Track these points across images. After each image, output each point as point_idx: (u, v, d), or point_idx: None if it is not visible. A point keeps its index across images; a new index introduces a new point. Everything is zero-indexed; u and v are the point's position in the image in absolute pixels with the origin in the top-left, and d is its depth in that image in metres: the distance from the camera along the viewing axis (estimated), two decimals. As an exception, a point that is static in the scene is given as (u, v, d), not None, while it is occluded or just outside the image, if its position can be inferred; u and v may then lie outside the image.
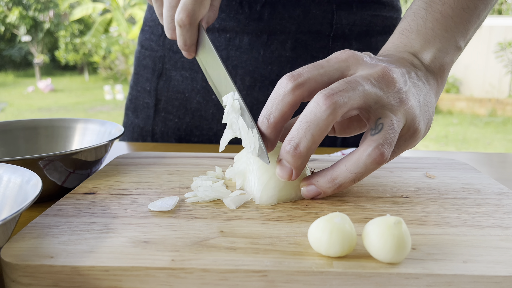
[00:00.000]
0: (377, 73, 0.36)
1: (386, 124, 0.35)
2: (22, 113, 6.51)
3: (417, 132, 0.38)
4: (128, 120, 0.78)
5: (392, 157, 0.38)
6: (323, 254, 0.28)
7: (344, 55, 0.37)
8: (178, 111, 0.73)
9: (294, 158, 0.35)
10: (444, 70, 0.44)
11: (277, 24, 0.66)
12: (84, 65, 11.35)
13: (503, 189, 0.42)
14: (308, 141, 0.34)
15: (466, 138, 4.86)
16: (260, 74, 0.68)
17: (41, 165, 0.40)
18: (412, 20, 0.45)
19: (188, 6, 0.45)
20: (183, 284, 0.27)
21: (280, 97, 0.36)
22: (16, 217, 0.28)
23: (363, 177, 0.36)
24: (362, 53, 0.38)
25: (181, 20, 0.46)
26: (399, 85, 0.36)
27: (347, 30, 0.68)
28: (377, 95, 0.35)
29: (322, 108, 0.33)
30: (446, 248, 0.29)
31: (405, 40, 0.44)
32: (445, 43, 0.44)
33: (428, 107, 0.39)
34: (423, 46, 0.43)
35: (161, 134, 0.74)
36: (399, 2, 0.74)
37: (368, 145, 0.34)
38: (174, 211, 0.35)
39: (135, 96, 0.77)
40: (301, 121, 0.34)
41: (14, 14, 10.84)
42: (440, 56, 0.43)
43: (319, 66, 0.36)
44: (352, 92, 0.34)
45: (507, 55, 6.39)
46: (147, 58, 0.74)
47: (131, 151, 0.68)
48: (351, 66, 0.37)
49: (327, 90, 0.34)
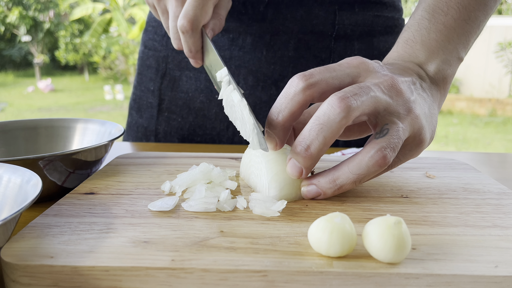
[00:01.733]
0: (386, 81, 0.37)
1: (391, 130, 0.35)
2: (22, 113, 6.51)
3: (422, 142, 0.38)
4: (133, 120, 0.78)
5: (396, 165, 0.39)
6: (323, 254, 0.28)
7: (355, 62, 0.38)
8: (182, 110, 0.73)
9: (304, 159, 0.35)
10: (446, 82, 0.45)
11: (280, 24, 0.66)
12: (84, 65, 11.35)
13: (503, 189, 0.42)
14: (319, 143, 0.34)
15: (466, 138, 4.86)
16: (263, 74, 0.69)
17: (41, 165, 0.40)
18: (416, 30, 0.45)
19: (190, 12, 0.46)
20: (183, 284, 0.27)
21: (290, 95, 0.36)
22: (16, 217, 0.28)
23: (364, 179, 0.36)
24: (371, 61, 0.39)
25: (183, 26, 0.47)
26: (407, 94, 0.37)
27: (349, 30, 0.68)
28: (387, 102, 0.36)
29: (336, 110, 0.33)
30: (446, 248, 0.29)
31: (410, 50, 0.44)
32: (448, 55, 0.44)
33: (432, 118, 0.40)
34: (428, 57, 0.44)
35: (165, 134, 0.75)
36: (400, 3, 0.74)
37: (372, 148, 0.35)
38: (174, 211, 0.35)
39: (138, 96, 0.77)
40: (314, 122, 0.34)
41: (14, 14, 10.83)
42: (443, 68, 0.44)
43: (331, 69, 0.37)
44: (365, 97, 0.34)
45: (507, 55, 6.39)
46: (151, 58, 0.75)
47: (134, 150, 0.68)
48: (362, 73, 0.37)
49: (341, 93, 0.34)
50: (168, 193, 0.40)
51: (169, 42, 0.72)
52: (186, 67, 0.72)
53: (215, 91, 0.71)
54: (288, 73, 0.68)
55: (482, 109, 6.22)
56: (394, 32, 0.72)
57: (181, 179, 0.40)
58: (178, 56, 0.72)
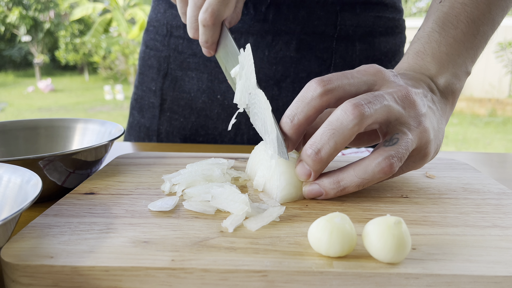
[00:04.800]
0: (401, 91, 0.37)
1: (401, 140, 0.36)
2: (22, 113, 6.51)
3: (427, 156, 0.39)
4: (134, 120, 0.79)
5: (398, 174, 0.39)
6: (323, 254, 0.28)
7: (372, 70, 0.38)
8: (184, 110, 0.73)
9: (314, 162, 0.35)
10: (455, 96, 0.45)
11: (281, 25, 0.67)
12: (84, 65, 11.35)
13: (503, 189, 0.42)
14: (330, 148, 0.35)
15: (466, 138, 4.86)
16: (265, 74, 0.69)
17: (41, 165, 0.40)
18: (426, 42, 0.45)
19: (214, 7, 0.46)
20: (183, 284, 0.27)
21: (307, 100, 0.36)
22: (16, 217, 0.28)
23: (367, 184, 0.36)
24: (387, 70, 0.39)
25: (205, 20, 0.47)
26: (419, 107, 0.37)
27: (351, 31, 0.68)
28: (400, 113, 0.36)
29: (349, 117, 0.34)
30: (446, 248, 0.29)
31: (421, 62, 0.44)
32: (458, 69, 0.45)
33: (439, 133, 0.40)
34: (438, 70, 0.44)
35: (167, 134, 0.75)
36: (401, 4, 0.74)
37: (380, 154, 0.35)
38: (174, 211, 0.35)
39: (140, 96, 0.77)
40: (326, 127, 0.35)
41: (14, 14, 10.84)
42: (453, 82, 0.44)
43: (349, 76, 0.37)
44: (379, 106, 0.35)
45: (507, 55, 6.39)
46: (152, 58, 0.75)
47: (135, 150, 0.68)
48: (378, 81, 0.38)
49: (355, 100, 0.35)
50: (168, 193, 0.40)
51: (170, 42, 0.72)
52: (188, 67, 0.72)
53: (217, 91, 0.71)
54: (290, 73, 0.68)
55: (482, 109, 6.22)
56: (395, 32, 0.72)
57: (182, 178, 0.40)
58: (180, 56, 0.72)
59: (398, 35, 0.74)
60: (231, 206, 0.34)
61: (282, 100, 0.69)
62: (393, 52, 0.73)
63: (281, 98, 0.69)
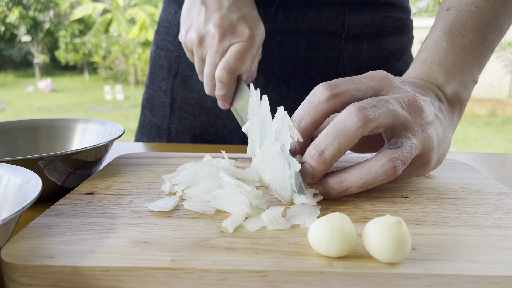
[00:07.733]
0: (408, 97, 0.37)
1: (405, 144, 0.36)
2: (22, 113, 6.51)
3: (428, 164, 0.39)
4: (146, 119, 0.80)
5: (399, 179, 0.39)
6: (323, 254, 0.28)
7: (379, 76, 0.39)
8: (194, 110, 0.74)
9: (317, 163, 0.35)
10: (462, 106, 0.45)
11: (290, 25, 0.67)
12: (84, 65, 11.35)
13: (503, 189, 0.42)
14: (334, 150, 0.35)
15: (466, 138, 4.86)
16: (274, 74, 0.69)
17: (41, 165, 0.40)
18: (434, 51, 0.45)
19: (231, 64, 0.48)
20: (183, 284, 0.27)
21: (314, 104, 0.36)
22: (16, 217, 0.28)
23: (370, 186, 0.36)
24: (395, 77, 0.39)
25: (221, 76, 0.49)
26: (426, 114, 0.37)
27: (359, 31, 0.69)
28: (405, 118, 0.36)
29: (353, 119, 0.34)
30: (446, 248, 0.29)
31: (428, 71, 0.44)
32: (465, 78, 0.45)
33: (444, 143, 0.40)
34: (446, 79, 0.44)
35: (177, 132, 0.76)
36: (408, 3, 0.75)
37: (384, 156, 0.35)
38: (174, 211, 0.35)
39: (151, 95, 0.78)
40: (330, 129, 0.35)
41: (14, 14, 10.84)
42: (460, 91, 0.44)
43: (356, 81, 0.37)
44: (384, 110, 0.35)
45: (507, 55, 6.40)
46: (163, 58, 0.76)
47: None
48: (385, 87, 0.38)
49: (360, 103, 0.35)
50: (168, 193, 0.40)
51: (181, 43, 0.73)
52: None
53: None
54: (299, 72, 0.69)
55: (482, 109, 6.22)
56: (402, 32, 0.73)
57: (182, 178, 0.40)
58: None
59: (406, 34, 0.74)
60: (231, 206, 0.34)
61: (291, 99, 0.70)
62: (401, 51, 0.73)
63: (289, 97, 0.70)
